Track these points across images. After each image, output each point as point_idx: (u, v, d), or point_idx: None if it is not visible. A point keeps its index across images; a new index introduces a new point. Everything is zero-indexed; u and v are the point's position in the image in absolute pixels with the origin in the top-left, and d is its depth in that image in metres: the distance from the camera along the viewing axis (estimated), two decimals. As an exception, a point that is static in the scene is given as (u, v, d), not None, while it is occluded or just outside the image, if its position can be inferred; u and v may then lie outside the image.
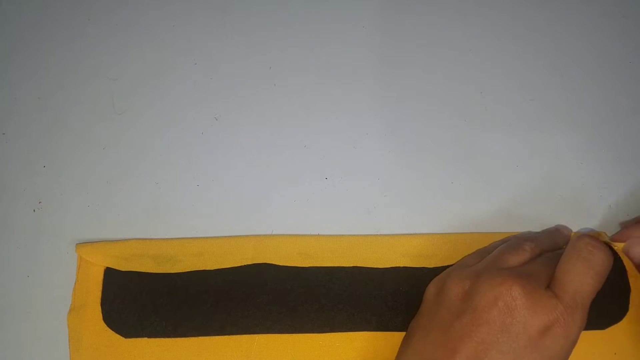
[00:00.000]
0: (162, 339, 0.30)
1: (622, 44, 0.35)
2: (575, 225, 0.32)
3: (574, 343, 0.25)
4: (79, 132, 0.33)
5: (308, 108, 0.34)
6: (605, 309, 0.31)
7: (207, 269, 0.31)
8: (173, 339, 0.30)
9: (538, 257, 0.28)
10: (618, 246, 0.30)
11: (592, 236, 0.27)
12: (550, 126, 0.34)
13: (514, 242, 0.29)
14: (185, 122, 0.34)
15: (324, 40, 0.35)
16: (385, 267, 0.31)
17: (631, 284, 0.31)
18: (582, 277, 0.26)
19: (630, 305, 0.31)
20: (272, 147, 0.34)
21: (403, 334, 0.29)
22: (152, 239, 0.32)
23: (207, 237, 0.32)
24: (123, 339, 0.30)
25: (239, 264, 0.31)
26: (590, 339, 0.30)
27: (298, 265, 0.31)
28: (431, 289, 0.29)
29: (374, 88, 0.34)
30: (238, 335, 0.30)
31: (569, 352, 0.25)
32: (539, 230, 0.32)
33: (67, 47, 0.35)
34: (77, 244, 0.31)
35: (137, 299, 0.31)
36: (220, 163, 0.33)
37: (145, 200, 0.33)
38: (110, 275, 0.31)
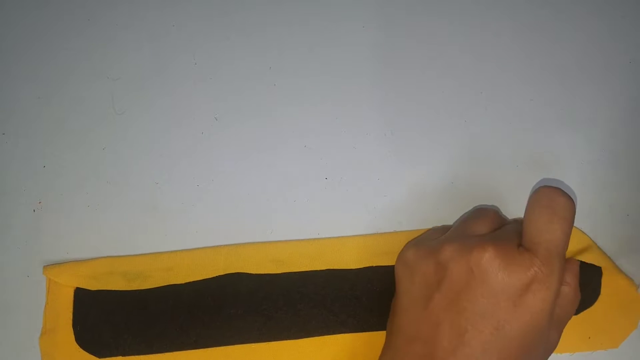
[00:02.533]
0: (137, 356, 0.30)
1: (622, 44, 0.35)
2: (576, 225, 0.33)
3: (556, 293, 0.25)
4: (79, 132, 0.33)
5: (308, 108, 0.34)
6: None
7: (178, 282, 0.31)
8: (148, 355, 0.30)
9: (504, 225, 0.29)
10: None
11: (549, 185, 0.27)
12: (550, 126, 0.34)
13: (477, 211, 0.29)
14: (185, 122, 0.34)
15: (324, 40, 0.35)
16: (358, 267, 0.31)
17: (602, 269, 0.32)
18: (549, 225, 0.25)
19: (602, 289, 0.31)
20: (272, 147, 0.34)
21: (380, 333, 0.30)
22: (120, 256, 0.31)
23: (176, 251, 0.32)
24: (97, 359, 0.30)
25: (210, 276, 0.31)
26: None
27: (271, 272, 0.31)
28: (400, 268, 0.28)
29: (374, 88, 0.34)
30: (213, 348, 0.30)
31: (552, 304, 0.25)
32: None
33: (67, 47, 0.35)
34: (44, 265, 0.31)
35: (109, 318, 0.30)
36: (220, 163, 0.33)
37: (145, 200, 0.33)
38: (81, 295, 0.31)
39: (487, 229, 0.28)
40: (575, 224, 0.32)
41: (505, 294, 0.24)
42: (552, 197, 0.26)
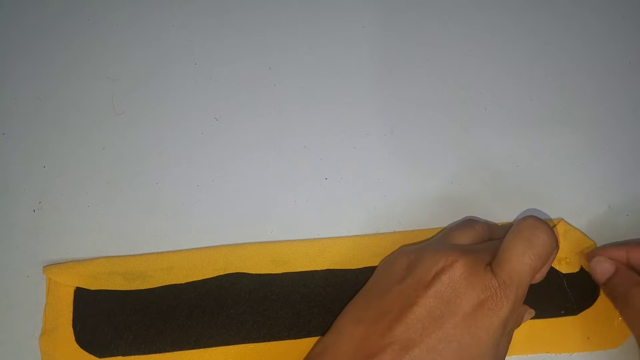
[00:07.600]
0: (137, 356, 0.30)
1: (622, 44, 0.35)
2: (576, 225, 0.33)
3: (503, 321, 0.25)
4: (79, 132, 0.33)
5: (308, 108, 0.34)
6: (577, 295, 0.31)
7: (178, 282, 0.31)
8: (148, 355, 0.30)
9: (487, 241, 0.29)
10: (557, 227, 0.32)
11: (537, 218, 0.27)
12: (550, 126, 0.34)
13: (467, 221, 0.30)
14: (185, 122, 0.34)
15: (324, 40, 0.35)
16: (358, 267, 0.31)
17: None
18: (520, 257, 0.26)
19: (600, 291, 0.31)
20: (272, 147, 0.34)
21: None
22: (120, 256, 0.31)
23: (176, 251, 0.32)
24: (97, 359, 0.30)
25: (210, 276, 0.31)
26: (564, 324, 0.31)
27: (271, 273, 0.31)
28: (380, 264, 0.30)
29: (374, 88, 0.35)
30: (214, 348, 0.30)
31: (498, 331, 0.25)
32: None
33: (67, 47, 0.35)
34: (44, 265, 0.31)
35: (110, 317, 0.30)
36: (220, 163, 0.33)
37: (145, 200, 0.33)
38: (81, 295, 0.31)
39: (469, 241, 0.29)
40: (575, 224, 0.33)
41: (458, 304, 0.25)
42: (533, 231, 0.26)
